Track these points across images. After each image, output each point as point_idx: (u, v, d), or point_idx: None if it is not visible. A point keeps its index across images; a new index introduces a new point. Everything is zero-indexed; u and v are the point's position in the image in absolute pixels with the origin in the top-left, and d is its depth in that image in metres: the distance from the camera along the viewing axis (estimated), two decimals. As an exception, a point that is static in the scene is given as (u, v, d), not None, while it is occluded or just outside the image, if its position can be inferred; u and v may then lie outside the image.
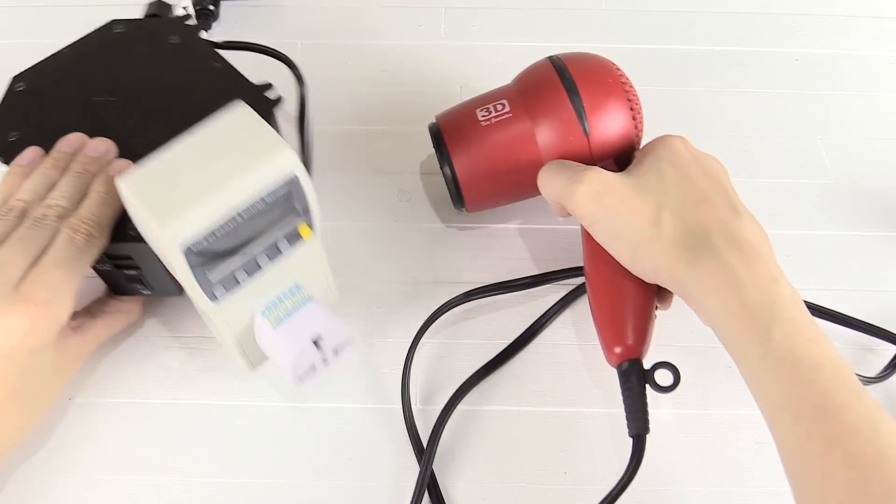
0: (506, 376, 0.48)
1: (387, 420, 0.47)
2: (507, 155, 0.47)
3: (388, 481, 0.45)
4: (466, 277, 0.52)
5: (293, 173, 0.38)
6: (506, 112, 0.47)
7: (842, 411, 0.34)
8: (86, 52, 0.50)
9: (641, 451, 0.41)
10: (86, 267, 0.41)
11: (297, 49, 0.64)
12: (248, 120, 0.38)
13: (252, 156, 0.37)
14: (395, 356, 0.49)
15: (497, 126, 0.47)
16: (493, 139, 0.47)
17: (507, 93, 0.49)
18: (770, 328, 0.36)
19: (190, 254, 0.36)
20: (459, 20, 0.66)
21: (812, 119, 0.61)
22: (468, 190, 0.48)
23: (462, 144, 0.47)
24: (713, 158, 0.45)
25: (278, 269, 0.41)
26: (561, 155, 0.47)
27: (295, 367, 0.41)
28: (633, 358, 0.43)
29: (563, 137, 0.46)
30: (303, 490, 0.45)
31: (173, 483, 0.45)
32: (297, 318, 0.42)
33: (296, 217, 0.40)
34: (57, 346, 0.42)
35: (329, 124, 0.60)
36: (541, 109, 0.47)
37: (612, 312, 0.44)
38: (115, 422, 0.47)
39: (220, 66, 0.49)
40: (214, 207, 0.36)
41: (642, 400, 0.42)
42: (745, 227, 0.40)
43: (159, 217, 0.35)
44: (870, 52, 0.65)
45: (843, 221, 0.55)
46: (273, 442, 0.46)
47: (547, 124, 0.46)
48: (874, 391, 0.48)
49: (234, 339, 0.43)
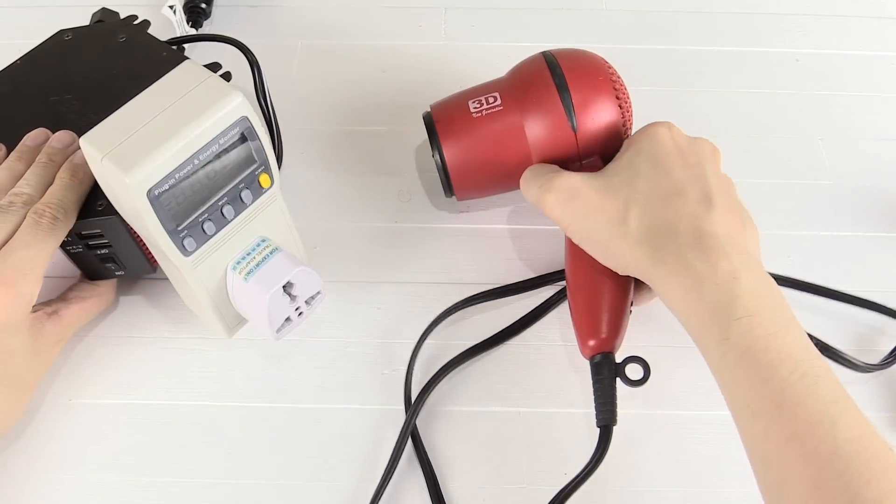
0: (506, 377, 0.48)
1: (387, 420, 0.47)
2: (496, 147, 0.48)
3: (388, 481, 0.45)
4: (466, 278, 0.52)
5: (243, 114, 0.39)
6: (497, 105, 0.48)
7: (798, 407, 0.34)
8: (39, 60, 0.52)
9: (608, 441, 0.42)
10: (52, 249, 0.42)
11: (297, 49, 0.64)
12: (196, 73, 0.40)
13: (203, 101, 0.39)
14: (394, 356, 0.49)
15: (488, 118, 0.48)
16: (483, 131, 0.48)
17: (499, 85, 0.50)
18: (728, 326, 0.37)
19: (154, 199, 0.38)
20: (459, 20, 0.66)
21: (812, 119, 0.61)
22: (457, 178, 0.49)
23: (453, 134, 0.49)
24: (701, 142, 0.45)
25: (244, 222, 0.43)
26: (549, 148, 0.48)
27: (270, 318, 0.43)
28: (605, 351, 0.44)
29: (551, 132, 0.47)
30: (302, 490, 0.45)
31: (173, 483, 0.45)
32: (267, 268, 0.43)
33: (256, 167, 0.42)
34: (34, 332, 0.44)
35: (329, 124, 0.60)
36: (531, 104, 0.48)
37: (587, 307, 0.45)
38: (115, 422, 0.47)
39: (168, 55, 0.51)
40: (172, 149, 0.37)
41: (612, 392, 0.43)
42: (715, 221, 0.40)
43: (121, 163, 0.37)
44: (870, 52, 0.65)
45: (843, 222, 0.55)
46: (273, 442, 0.46)
47: (536, 118, 0.47)
48: (877, 379, 0.48)
49: (209, 300, 0.44)
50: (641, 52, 0.64)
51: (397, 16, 0.66)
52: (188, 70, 0.41)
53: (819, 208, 0.56)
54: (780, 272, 0.50)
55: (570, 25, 0.66)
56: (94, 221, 0.44)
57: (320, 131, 0.59)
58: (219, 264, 0.43)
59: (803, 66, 0.64)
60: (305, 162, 0.58)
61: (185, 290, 0.45)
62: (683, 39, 0.65)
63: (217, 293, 0.44)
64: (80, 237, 0.46)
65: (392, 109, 0.60)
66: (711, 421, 0.47)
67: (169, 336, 0.50)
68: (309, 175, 0.57)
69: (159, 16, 0.60)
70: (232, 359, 0.49)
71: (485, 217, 0.55)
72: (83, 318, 0.48)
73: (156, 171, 0.37)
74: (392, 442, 0.45)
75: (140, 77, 0.49)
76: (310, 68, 0.62)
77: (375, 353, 0.49)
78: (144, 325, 0.50)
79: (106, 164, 0.37)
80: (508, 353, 0.49)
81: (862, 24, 0.67)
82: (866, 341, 0.50)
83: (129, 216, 0.42)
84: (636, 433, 0.46)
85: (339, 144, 0.59)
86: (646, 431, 0.46)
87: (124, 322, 0.50)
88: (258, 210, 0.43)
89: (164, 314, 0.50)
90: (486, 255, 0.53)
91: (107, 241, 0.46)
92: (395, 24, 0.66)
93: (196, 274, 0.42)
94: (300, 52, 0.64)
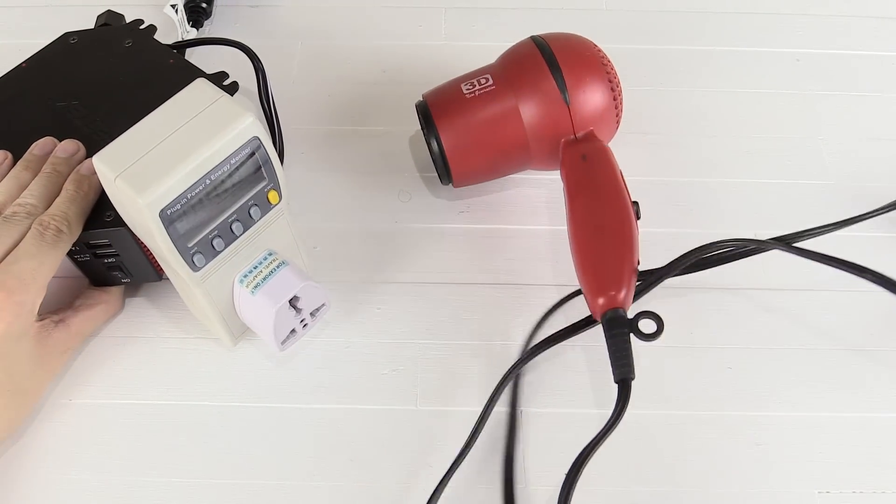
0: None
1: (387, 420, 0.47)
2: (491, 126, 0.49)
3: (389, 482, 0.45)
4: (466, 278, 0.52)
5: (255, 135, 0.40)
6: (489, 85, 0.49)
7: None
8: (44, 64, 0.52)
9: (627, 395, 0.42)
10: (55, 261, 0.42)
11: (297, 49, 0.64)
12: (208, 92, 0.41)
13: (216, 122, 0.39)
14: (394, 357, 0.49)
15: (481, 98, 0.49)
16: (477, 111, 0.49)
17: (490, 69, 0.51)
18: None
19: (166, 219, 0.38)
20: (459, 20, 0.66)
21: (812, 119, 0.61)
22: (455, 162, 0.50)
23: (448, 116, 0.50)
24: None
25: (252, 237, 0.43)
26: (544, 125, 0.49)
27: (276, 331, 0.44)
28: (615, 307, 0.44)
29: (545, 109, 0.48)
30: (303, 490, 0.45)
31: (173, 483, 0.45)
32: (273, 282, 0.44)
33: (265, 184, 0.42)
34: (39, 340, 0.44)
35: (329, 124, 0.60)
36: (524, 82, 0.49)
37: (594, 264, 0.45)
38: (115, 422, 0.47)
39: (174, 62, 0.51)
40: (184, 170, 0.38)
41: (626, 347, 0.43)
42: None
43: (134, 184, 0.37)
44: (870, 51, 0.65)
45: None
46: (273, 442, 0.46)
47: (529, 96, 0.49)
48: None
49: (215, 312, 0.45)
50: (641, 52, 0.64)
51: (397, 16, 0.66)
52: (200, 89, 0.41)
53: (819, 208, 0.56)
54: (781, 272, 0.50)
55: (570, 25, 0.65)
56: (103, 232, 0.45)
57: (321, 131, 0.59)
58: (226, 278, 0.44)
59: (803, 66, 0.64)
60: (306, 162, 0.58)
61: (192, 301, 0.46)
62: (683, 39, 0.65)
63: (224, 305, 0.45)
64: (88, 246, 0.46)
65: (392, 109, 0.60)
66: (711, 421, 0.47)
67: (169, 336, 0.50)
68: (309, 175, 0.57)
69: (161, 15, 0.60)
70: (232, 359, 0.49)
71: (485, 217, 0.55)
72: (91, 325, 0.48)
73: (168, 192, 0.38)
74: (392, 442, 0.45)
75: (146, 84, 0.50)
76: (310, 68, 0.62)
77: (375, 353, 0.49)
78: (144, 326, 0.50)
79: (119, 184, 0.37)
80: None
81: (862, 24, 0.67)
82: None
83: (139, 232, 0.42)
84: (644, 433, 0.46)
85: (340, 144, 0.59)
86: (649, 432, 0.46)
87: (125, 322, 0.50)
88: (266, 225, 0.43)
89: (165, 314, 0.50)
90: (486, 255, 0.53)
91: (114, 251, 0.46)
92: (395, 24, 0.66)
93: (204, 287, 0.43)
94: (300, 52, 0.64)
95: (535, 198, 0.56)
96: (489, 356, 0.49)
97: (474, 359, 0.49)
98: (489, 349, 0.49)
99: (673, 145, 0.58)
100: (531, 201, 0.55)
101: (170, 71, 0.51)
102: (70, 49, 0.53)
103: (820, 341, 0.49)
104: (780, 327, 0.50)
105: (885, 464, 0.45)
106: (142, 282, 0.50)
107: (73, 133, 0.48)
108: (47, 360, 0.45)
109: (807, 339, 0.50)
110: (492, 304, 0.51)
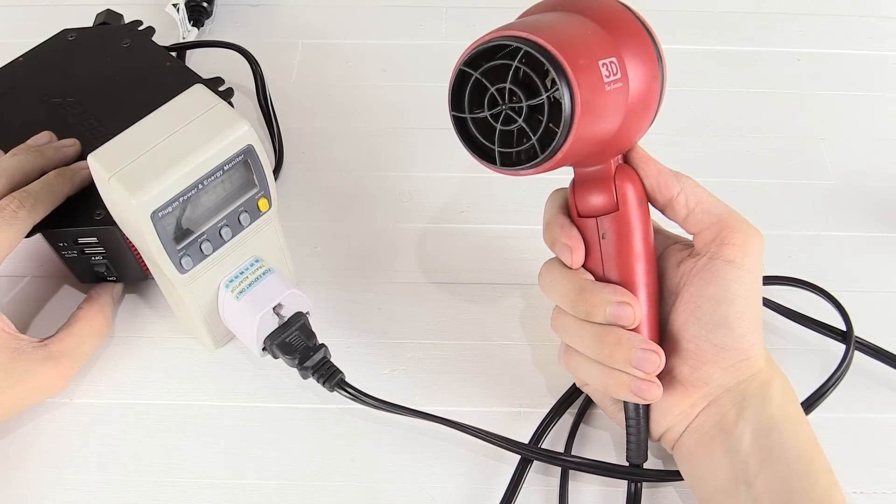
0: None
1: (387, 421, 0.47)
2: (605, 119, 0.39)
3: (389, 482, 0.45)
4: (466, 278, 0.52)
5: (249, 143, 0.40)
6: (617, 79, 0.38)
7: None
8: (41, 60, 0.53)
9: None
10: (12, 236, 0.41)
11: (297, 49, 0.64)
12: (206, 98, 0.41)
13: (211, 128, 0.40)
14: (394, 357, 0.49)
15: (614, 93, 0.38)
16: (609, 104, 0.38)
17: (610, 46, 0.39)
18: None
19: (157, 220, 0.38)
20: (459, 20, 0.66)
21: (813, 119, 0.61)
22: (576, 138, 0.36)
23: (588, 86, 0.36)
24: None
25: (240, 243, 0.44)
26: (639, 109, 0.40)
27: (258, 337, 0.44)
28: None
29: (647, 90, 0.40)
30: (303, 490, 0.45)
31: (173, 483, 0.45)
32: (258, 288, 0.44)
33: (256, 192, 0.43)
34: (7, 350, 0.42)
35: (329, 124, 0.60)
36: (639, 74, 0.39)
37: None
38: (115, 422, 0.47)
39: (171, 65, 0.52)
40: (178, 174, 0.38)
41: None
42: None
43: (128, 184, 0.38)
44: (870, 52, 0.65)
45: (843, 222, 0.55)
46: (273, 442, 0.46)
47: (639, 82, 0.39)
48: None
49: (199, 315, 0.45)
50: (642, 51, 0.64)
51: (397, 16, 0.66)
52: (199, 94, 0.41)
53: (819, 208, 0.56)
54: (781, 273, 0.50)
55: (571, 25, 0.66)
56: (92, 230, 0.45)
57: (320, 131, 0.59)
58: (212, 281, 0.44)
59: (803, 65, 0.64)
60: (305, 162, 0.58)
61: (176, 302, 0.46)
62: (683, 39, 0.65)
63: (208, 308, 0.45)
64: (76, 243, 0.46)
65: (392, 109, 0.60)
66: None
67: (169, 336, 0.50)
68: (309, 175, 0.57)
69: (162, 15, 0.60)
70: (232, 359, 0.49)
71: (485, 217, 0.55)
72: (76, 348, 0.45)
73: (161, 194, 0.38)
74: (393, 442, 0.45)
75: (142, 85, 0.51)
76: (310, 68, 0.63)
77: (375, 353, 0.49)
78: (144, 325, 0.50)
79: (113, 183, 0.38)
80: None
81: (862, 24, 0.67)
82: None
83: (129, 232, 0.42)
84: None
85: (339, 144, 0.59)
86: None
87: (124, 322, 0.50)
88: (254, 232, 0.44)
89: (165, 314, 0.50)
90: (486, 255, 0.53)
91: (102, 250, 0.46)
92: (395, 24, 0.66)
93: (190, 290, 0.43)
94: (300, 52, 0.64)
95: (536, 197, 0.56)
96: (490, 356, 0.49)
97: (475, 359, 0.49)
98: (490, 349, 0.49)
99: (673, 145, 0.58)
100: (531, 201, 0.55)
101: (166, 73, 0.51)
102: (67, 46, 0.53)
103: (818, 341, 0.49)
104: (779, 327, 0.50)
105: (885, 464, 0.45)
106: (127, 281, 0.50)
107: (65, 129, 0.48)
108: (12, 373, 0.42)
109: (806, 338, 0.50)
110: (492, 305, 0.51)
